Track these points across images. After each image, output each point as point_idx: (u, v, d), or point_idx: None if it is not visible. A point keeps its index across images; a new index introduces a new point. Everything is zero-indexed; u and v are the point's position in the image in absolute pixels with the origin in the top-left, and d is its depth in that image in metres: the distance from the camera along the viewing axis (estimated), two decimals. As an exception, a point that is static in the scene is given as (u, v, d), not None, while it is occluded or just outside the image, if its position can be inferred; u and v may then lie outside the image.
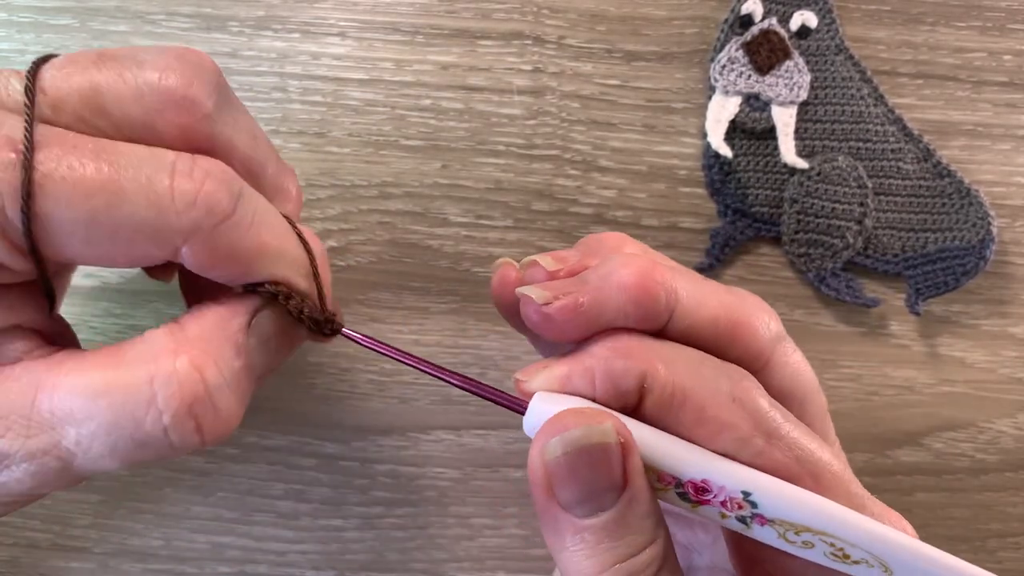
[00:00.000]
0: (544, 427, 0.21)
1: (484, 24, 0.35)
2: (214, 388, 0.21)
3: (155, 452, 0.21)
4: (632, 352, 0.21)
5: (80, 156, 0.20)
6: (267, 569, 0.34)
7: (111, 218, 0.20)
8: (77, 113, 0.21)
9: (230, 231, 0.21)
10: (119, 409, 0.20)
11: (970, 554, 0.35)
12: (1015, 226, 0.35)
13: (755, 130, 0.34)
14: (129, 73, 0.21)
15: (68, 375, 0.21)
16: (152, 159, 0.21)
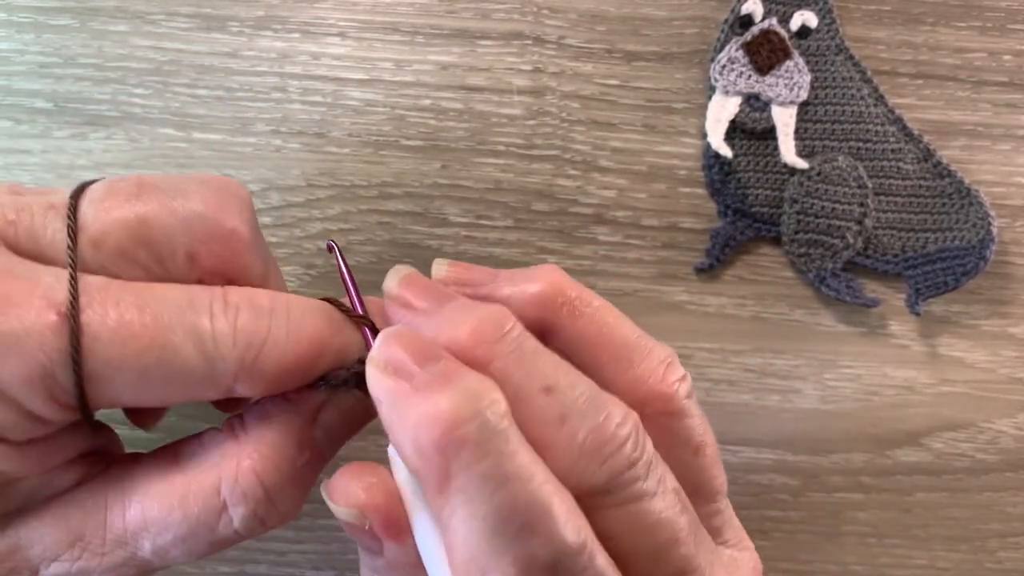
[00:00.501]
0: (338, 473, 0.21)
1: (484, 24, 0.35)
2: (275, 492, 0.22)
3: (227, 547, 0.23)
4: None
5: (125, 311, 0.20)
6: (267, 569, 0.34)
7: (161, 372, 0.20)
8: (119, 247, 0.21)
9: (272, 352, 0.21)
10: (193, 523, 0.21)
11: (970, 554, 0.35)
12: (1015, 226, 0.35)
13: (755, 130, 0.34)
14: (175, 204, 0.21)
15: (135, 491, 0.21)
16: (191, 304, 0.20)
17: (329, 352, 0.22)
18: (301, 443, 0.22)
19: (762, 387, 0.35)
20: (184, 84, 0.34)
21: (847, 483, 0.35)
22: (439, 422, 0.18)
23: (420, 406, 0.18)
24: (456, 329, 0.20)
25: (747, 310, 0.35)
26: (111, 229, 0.21)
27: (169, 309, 0.20)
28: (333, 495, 0.21)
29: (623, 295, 0.35)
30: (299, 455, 0.22)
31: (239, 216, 0.22)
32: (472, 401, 0.18)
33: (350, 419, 0.24)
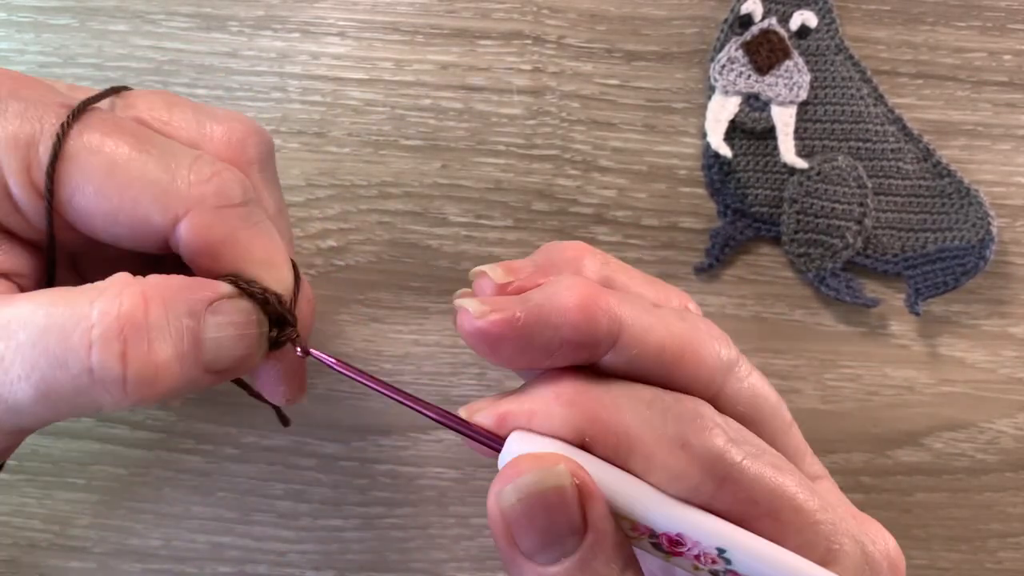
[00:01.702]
0: (500, 474, 0.20)
1: (484, 24, 0.35)
2: (154, 325, 0.20)
3: (73, 382, 0.20)
4: (575, 400, 0.20)
5: (122, 124, 0.22)
6: (267, 569, 0.34)
7: (127, 171, 0.21)
8: (141, 119, 0.24)
9: (232, 218, 0.22)
10: (52, 321, 0.20)
11: (970, 554, 0.35)
12: (1015, 226, 0.35)
13: (755, 130, 0.34)
14: (201, 112, 0.24)
15: (21, 298, 0.21)
16: (185, 148, 0.23)
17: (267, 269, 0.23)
18: (193, 307, 0.21)
19: (762, 387, 0.35)
20: (184, 84, 0.34)
21: (847, 483, 0.35)
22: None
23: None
24: (568, 294, 0.21)
25: (747, 310, 0.35)
26: (142, 102, 0.24)
27: (161, 140, 0.22)
28: (539, 464, 0.20)
29: (623, 295, 0.35)
30: (188, 314, 0.21)
31: (253, 140, 0.25)
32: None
33: (242, 335, 0.22)
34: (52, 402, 0.20)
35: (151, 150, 0.22)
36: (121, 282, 0.21)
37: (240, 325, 0.22)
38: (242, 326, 0.22)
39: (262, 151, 0.25)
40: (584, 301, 0.20)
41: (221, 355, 0.22)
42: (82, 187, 0.21)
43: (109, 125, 0.22)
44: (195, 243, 0.22)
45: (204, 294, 0.22)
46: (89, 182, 0.21)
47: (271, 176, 0.26)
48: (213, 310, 0.22)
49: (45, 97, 0.22)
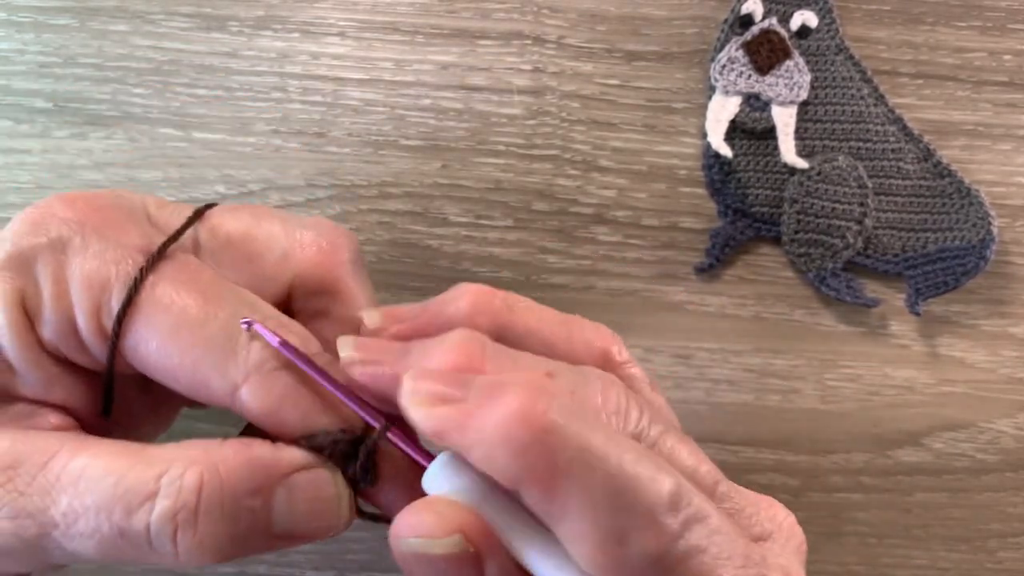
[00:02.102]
0: (404, 514, 0.20)
1: (484, 24, 0.35)
2: (206, 509, 0.21)
3: (133, 549, 0.21)
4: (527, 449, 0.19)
5: (196, 277, 0.22)
6: (267, 569, 0.34)
7: (191, 334, 0.22)
8: (229, 237, 0.25)
9: (290, 377, 0.22)
10: (119, 492, 0.20)
11: (970, 554, 0.35)
12: (1015, 226, 0.35)
13: (755, 130, 0.34)
14: (291, 221, 0.25)
15: (91, 450, 0.21)
16: (255, 306, 0.23)
17: (334, 415, 0.23)
18: (259, 486, 0.21)
19: (762, 387, 0.35)
20: (184, 84, 0.34)
21: (847, 483, 0.35)
22: (525, 418, 0.18)
23: (494, 413, 0.18)
24: (443, 357, 0.21)
25: (747, 310, 0.35)
26: (229, 221, 0.25)
27: (229, 298, 0.22)
28: (427, 531, 0.19)
29: (623, 295, 0.35)
30: (250, 498, 0.21)
31: (345, 240, 0.25)
32: (538, 390, 0.18)
33: (318, 508, 0.22)
34: (111, 557, 0.21)
35: (219, 313, 0.22)
36: (188, 458, 0.21)
37: (315, 499, 0.22)
38: (317, 500, 0.22)
39: (353, 252, 0.26)
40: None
41: (297, 526, 0.22)
42: (146, 340, 0.22)
43: (183, 277, 0.22)
44: (256, 410, 0.22)
45: (274, 471, 0.22)
46: (153, 337, 0.22)
47: (363, 276, 0.26)
48: (286, 485, 0.22)
49: (126, 238, 0.22)
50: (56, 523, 0.20)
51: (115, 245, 0.22)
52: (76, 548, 0.21)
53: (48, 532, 0.20)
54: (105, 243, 0.22)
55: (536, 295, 0.25)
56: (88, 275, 0.22)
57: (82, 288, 0.22)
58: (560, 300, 0.34)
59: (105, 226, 0.22)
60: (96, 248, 0.22)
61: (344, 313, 0.25)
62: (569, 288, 0.34)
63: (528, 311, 0.23)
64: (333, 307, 0.25)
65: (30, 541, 0.21)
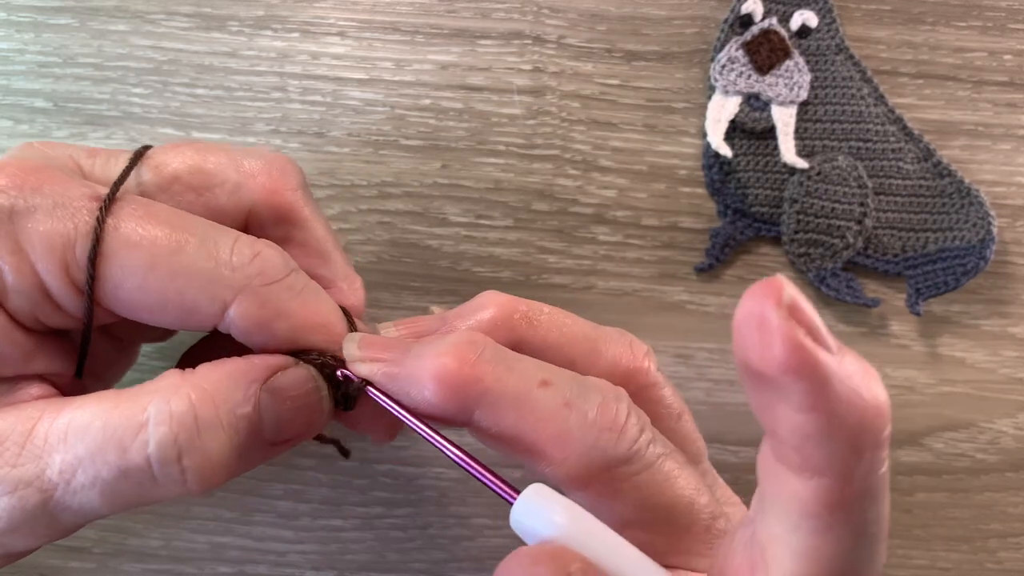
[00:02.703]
0: (511, 563, 0.19)
1: (484, 24, 0.34)
2: (206, 426, 0.21)
3: (137, 487, 0.21)
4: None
5: (154, 211, 0.22)
6: (267, 569, 0.34)
7: (169, 264, 0.21)
8: (175, 172, 0.24)
9: (280, 292, 0.22)
10: (109, 433, 0.20)
11: (970, 554, 0.35)
12: (1015, 226, 0.35)
13: (755, 130, 0.34)
14: (234, 152, 0.25)
15: (73, 405, 0.21)
16: (221, 228, 0.22)
17: (322, 333, 0.23)
18: (246, 394, 0.22)
19: (762, 387, 0.35)
20: (184, 84, 0.34)
21: (847, 483, 0.35)
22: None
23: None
24: (439, 359, 0.21)
25: (747, 310, 0.35)
26: (172, 158, 0.24)
27: (198, 224, 0.22)
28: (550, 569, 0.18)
29: (623, 295, 0.35)
30: (241, 403, 0.21)
31: (292, 169, 0.25)
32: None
33: (302, 398, 0.23)
34: (120, 503, 0.21)
35: (189, 238, 0.21)
36: (170, 385, 0.21)
37: (298, 397, 0.23)
38: (300, 397, 0.23)
39: (301, 177, 0.26)
40: (441, 372, 0.21)
41: (284, 428, 0.22)
42: (124, 283, 0.21)
43: (143, 214, 0.22)
44: (247, 326, 0.22)
45: (256, 374, 0.22)
46: (130, 277, 0.21)
47: (312, 198, 0.26)
48: (268, 388, 0.22)
49: (70, 190, 0.22)
50: (55, 483, 0.20)
51: (63, 200, 0.21)
52: (82, 503, 0.21)
53: (50, 495, 0.20)
54: (52, 200, 0.21)
55: (536, 295, 0.25)
56: (46, 235, 0.21)
57: (43, 250, 0.21)
58: (560, 300, 0.34)
59: (45, 184, 0.21)
60: (45, 207, 0.21)
61: (305, 237, 0.25)
62: (569, 288, 0.34)
63: (551, 325, 0.23)
64: (293, 233, 0.26)
65: (35, 511, 0.20)
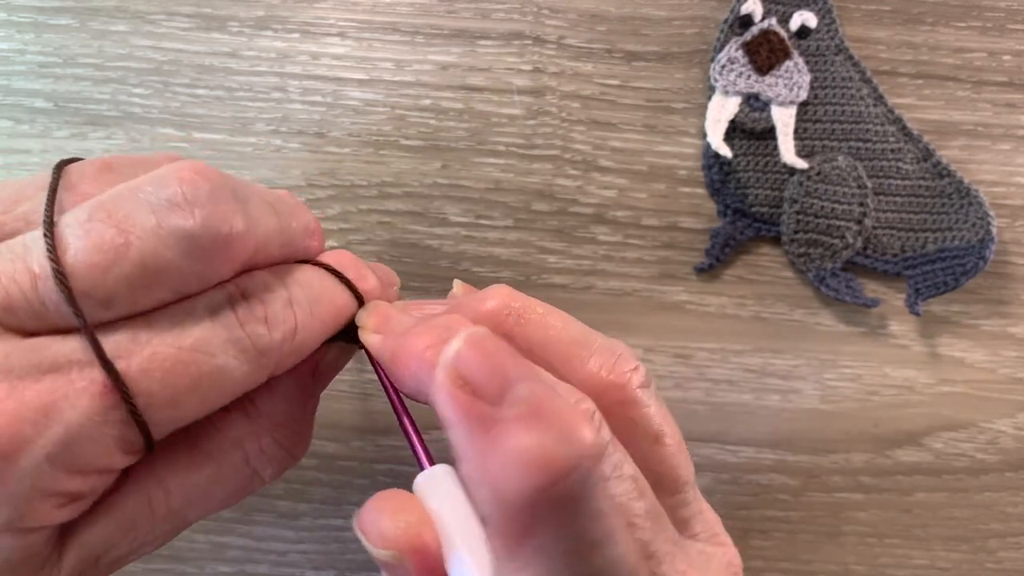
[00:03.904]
0: (367, 508, 0.20)
1: (484, 24, 0.35)
2: (295, 448, 0.24)
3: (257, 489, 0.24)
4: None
5: (162, 356, 0.19)
6: (267, 569, 0.34)
7: (215, 391, 0.21)
8: (128, 300, 0.20)
9: (303, 334, 0.22)
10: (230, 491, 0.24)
11: (970, 554, 0.35)
12: (1015, 226, 0.35)
13: (755, 130, 0.34)
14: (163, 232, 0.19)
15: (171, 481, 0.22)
16: (216, 318, 0.20)
17: (343, 317, 0.24)
18: (305, 401, 0.24)
19: (762, 387, 0.35)
20: (184, 84, 0.34)
21: (847, 483, 0.35)
22: (535, 471, 0.15)
23: (509, 443, 0.16)
24: (409, 338, 0.21)
25: (747, 310, 0.35)
26: (115, 289, 0.19)
27: (200, 333, 0.20)
28: (369, 535, 0.20)
29: (623, 295, 0.35)
30: (306, 411, 0.24)
31: (227, 212, 0.21)
32: (570, 446, 0.16)
33: (336, 364, 0.26)
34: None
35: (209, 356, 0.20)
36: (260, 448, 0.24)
37: (332, 362, 0.26)
38: (335, 361, 0.26)
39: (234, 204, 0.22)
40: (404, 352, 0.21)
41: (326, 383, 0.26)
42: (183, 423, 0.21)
43: (155, 369, 0.20)
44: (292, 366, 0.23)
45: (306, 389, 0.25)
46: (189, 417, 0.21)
47: (246, 202, 0.22)
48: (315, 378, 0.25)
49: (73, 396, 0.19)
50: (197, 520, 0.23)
51: (85, 421, 0.19)
52: None
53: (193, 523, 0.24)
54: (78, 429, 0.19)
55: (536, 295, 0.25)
56: (102, 451, 0.19)
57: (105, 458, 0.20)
58: (560, 300, 0.34)
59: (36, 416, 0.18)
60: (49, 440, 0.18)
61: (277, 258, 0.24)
62: (569, 288, 0.34)
63: (538, 324, 0.22)
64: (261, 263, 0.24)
65: None
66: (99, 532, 0.21)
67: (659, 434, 0.22)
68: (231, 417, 0.23)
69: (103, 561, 0.22)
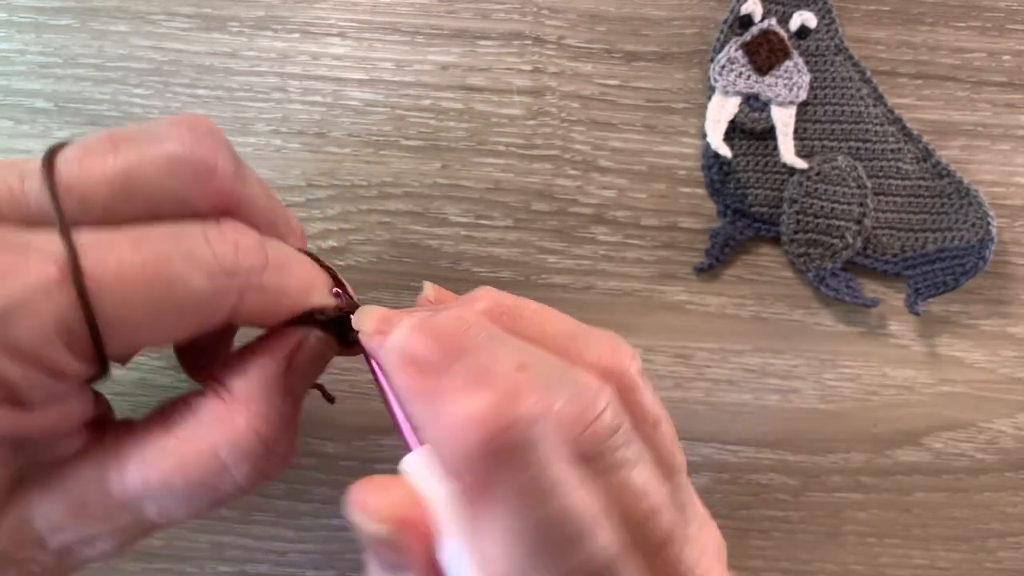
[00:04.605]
0: (356, 486, 0.20)
1: (484, 24, 0.35)
2: (272, 441, 0.22)
3: (231, 501, 0.23)
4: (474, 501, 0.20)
5: (122, 252, 0.20)
6: (268, 568, 0.34)
7: (171, 300, 0.20)
8: (107, 204, 0.20)
9: (272, 276, 0.22)
10: (195, 482, 0.21)
11: (970, 554, 0.35)
12: (1014, 226, 0.35)
13: (755, 130, 0.34)
14: (152, 151, 0.21)
15: (131, 459, 0.22)
16: (184, 234, 0.21)
17: (315, 289, 0.24)
18: (282, 390, 0.23)
19: (762, 387, 0.35)
20: (184, 84, 0.34)
21: (847, 483, 0.35)
22: (481, 425, 0.17)
23: (457, 407, 0.18)
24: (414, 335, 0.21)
25: (747, 310, 0.35)
26: (95, 187, 0.20)
27: (165, 241, 0.20)
28: (364, 511, 0.20)
29: (623, 295, 0.35)
30: (284, 401, 0.23)
31: (218, 150, 0.22)
32: (512, 403, 0.18)
33: (317, 359, 0.24)
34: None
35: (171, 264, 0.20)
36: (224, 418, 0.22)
37: (315, 360, 0.24)
38: (317, 360, 0.24)
39: (229, 154, 0.23)
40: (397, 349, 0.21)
41: (309, 385, 0.25)
42: (135, 335, 0.21)
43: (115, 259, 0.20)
44: (254, 317, 0.23)
45: (279, 366, 0.23)
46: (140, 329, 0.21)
47: (243, 166, 0.24)
48: (293, 371, 0.24)
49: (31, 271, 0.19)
50: (155, 522, 0.22)
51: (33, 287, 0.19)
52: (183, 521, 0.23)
53: (151, 525, 0.23)
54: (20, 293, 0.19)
55: (536, 295, 0.25)
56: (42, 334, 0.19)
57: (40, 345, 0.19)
58: (560, 300, 0.34)
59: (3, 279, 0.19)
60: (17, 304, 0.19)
61: (251, 212, 0.24)
62: (569, 288, 0.34)
63: (532, 321, 0.23)
64: (238, 212, 0.24)
65: (140, 534, 0.23)
66: (45, 506, 0.21)
67: (657, 419, 0.23)
68: (204, 399, 0.23)
69: (50, 545, 0.21)
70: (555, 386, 0.20)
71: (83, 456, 0.22)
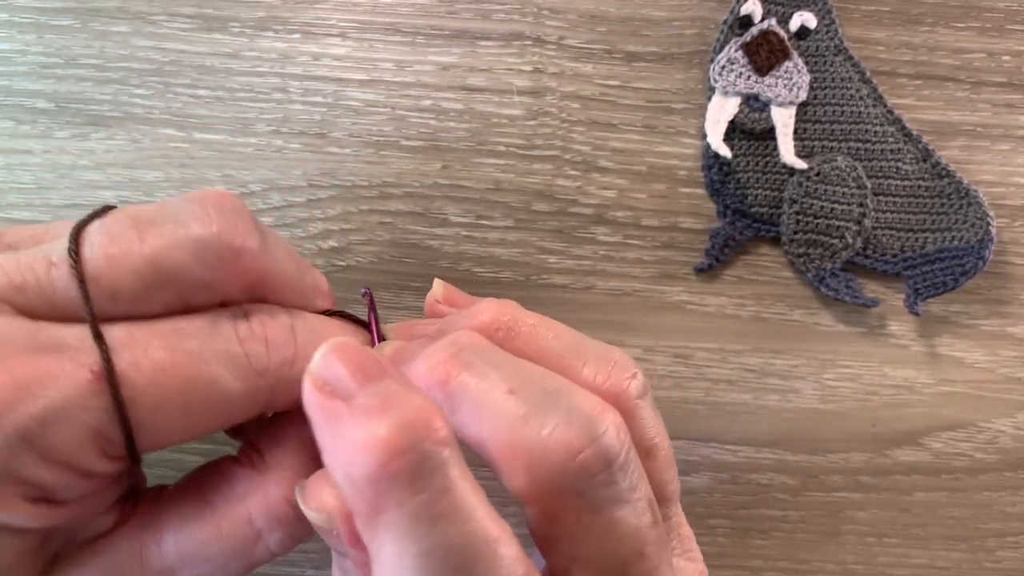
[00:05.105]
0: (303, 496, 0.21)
1: (484, 25, 0.35)
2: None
3: (261, 565, 0.23)
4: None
5: (156, 354, 0.20)
6: (268, 568, 0.34)
7: (203, 405, 0.20)
8: (136, 295, 0.20)
9: (303, 365, 0.21)
10: (229, 552, 0.22)
11: (969, 553, 0.35)
12: (1014, 226, 0.35)
13: (754, 130, 0.34)
14: (178, 236, 0.20)
15: (167, 530, 0.22)
16: (216, 331, 0.21)
17: None
18: (315, 455, 0.23)
19: (761, 387, 0.35)
20: (185, 84, 0.34)
21: (846, 483, 0.35)
22: (372, 452, 0.17)
23: (353, 432, 0.17)
24: (422, 361, 0.21)
25: (747, 310, 0.35)
26: (124, 279, 0.20)
27: (197, 341, 0.20)
28: (306, 499, 0.20)
29: (623, 295, 0.35)
30: (316, 466, 0.22)
31: (244, 229, 0.21)
32: (410, 430, 0.17)
33: None
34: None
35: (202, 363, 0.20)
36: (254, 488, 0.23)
37: None
38: None
39: (254, 230, 0.22)
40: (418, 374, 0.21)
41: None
42: (167, 438, 0.21)
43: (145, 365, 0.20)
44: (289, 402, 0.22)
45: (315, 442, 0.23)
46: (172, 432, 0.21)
47: (266, 238, 0.23)
48: None
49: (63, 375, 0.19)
50: None
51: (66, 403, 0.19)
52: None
53: None
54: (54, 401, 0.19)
55: (536, 295, 0.25)
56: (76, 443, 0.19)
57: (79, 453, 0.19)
58: (560, 300, 0.34)
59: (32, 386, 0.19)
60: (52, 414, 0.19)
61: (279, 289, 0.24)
62: (569, 288, 0.34)
63: (529, 337, 0.22)
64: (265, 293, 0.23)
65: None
66: None
67: (652, 447, 0.22)
68: (239, 469, 0.23)
69: None
70: (542, 412, 0.19)
71: (118, 529, 0.22)
